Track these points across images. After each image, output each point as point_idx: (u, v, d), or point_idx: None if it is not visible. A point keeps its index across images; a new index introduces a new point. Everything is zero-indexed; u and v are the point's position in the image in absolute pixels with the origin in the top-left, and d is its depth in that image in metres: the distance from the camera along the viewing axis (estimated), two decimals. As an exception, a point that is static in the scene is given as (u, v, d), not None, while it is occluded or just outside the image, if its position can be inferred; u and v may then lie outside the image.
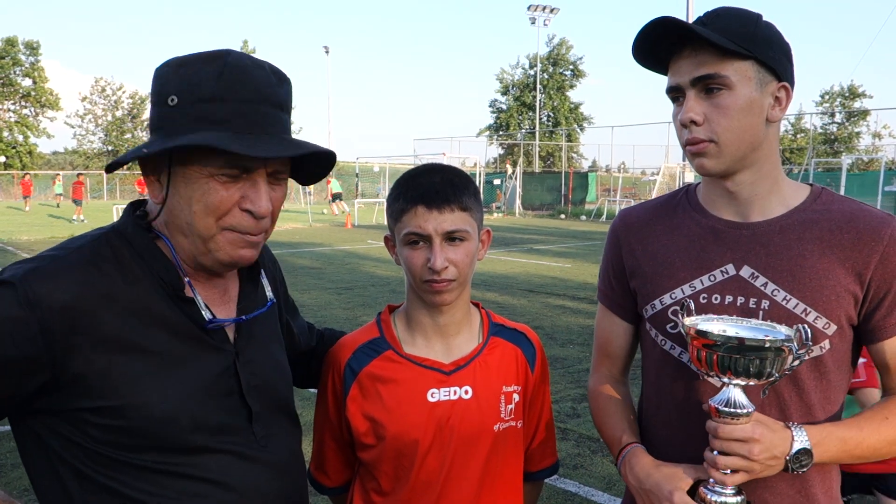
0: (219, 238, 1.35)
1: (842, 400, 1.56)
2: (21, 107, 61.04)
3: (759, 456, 1.37)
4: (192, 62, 1.31)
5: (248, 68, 1.30)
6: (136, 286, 1.34)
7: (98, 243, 1.37)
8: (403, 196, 1.63)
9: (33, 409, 1.30)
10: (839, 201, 1.54)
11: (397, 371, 1.69)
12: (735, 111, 1.44)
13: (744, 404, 1.39)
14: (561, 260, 17.56)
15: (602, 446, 5.44)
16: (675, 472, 1.49)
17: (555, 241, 22.86)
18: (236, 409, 1.42)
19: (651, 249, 1.66)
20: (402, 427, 1.65)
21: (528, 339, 1.81)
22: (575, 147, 60.33)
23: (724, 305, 1.53)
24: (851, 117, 48.37)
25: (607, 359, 1.81)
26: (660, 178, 33.95)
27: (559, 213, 38.35)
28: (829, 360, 1.50)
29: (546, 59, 60.33)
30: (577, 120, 61.56)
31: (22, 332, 1.22)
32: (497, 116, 62.94)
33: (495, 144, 60.54)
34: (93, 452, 1.30)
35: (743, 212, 1.56)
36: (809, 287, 1.47)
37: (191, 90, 1.29)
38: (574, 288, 13.04)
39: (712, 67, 1.44)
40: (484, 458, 1.68)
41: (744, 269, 1.53)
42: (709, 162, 1.49)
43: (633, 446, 1.61)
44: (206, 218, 1.33)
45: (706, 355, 1.41)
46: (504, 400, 1.71)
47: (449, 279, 1.60)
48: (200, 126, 1.28)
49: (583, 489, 4.70)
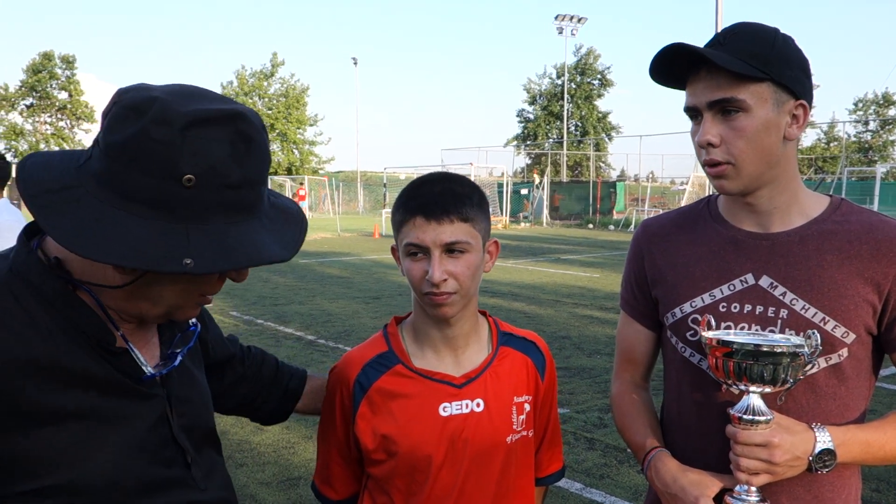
0: (185, 310, 1.27)
1: (863, 408, 1.56)
2: (57, 119, 62.25)
3: (780, 459, 1.39)
4: (203, 121, 1.13)
5: (253, 139, 1.15)
6: (49, 342, 1.14)
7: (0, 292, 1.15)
8: (404, 206, 1.60)
9: None
10: (858, 212, 1.56)
11: (408, 386, 1.66)
12: (751, 133, 1.46)
13: (763, 411, 1.42)
14: (589, 270, 17.49)
15: (629, 457, 5.42)
16: (701, 479, 1.51)
17: (583, 251, 22.78)
18: (173, 457, 1.29)
19: (673, 259, 1.69)
20: (415, 443, 1.62)
21: (537, 346, 1.80)
22: (603, 156, 60.13)
23: (743, 314, 1.55)
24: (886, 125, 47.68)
25: (630, 365, 1.83)
26: (689, 187, 33.72)
27: (587, 222, 38.22)
28: (848, 368, 1.52)
29: (574, 68, 60.28)
30: (605, 129, 61.38)
31: None
32: (524, 126, 62.97)
33: (522, 154, 60.54)
34: None
35: (763, 223, 1.58)
36: (828, 296, 1.49)
37: (210, 171, 1.11)
38: (602, 298, 13.00)
39: (728, 91, 1.45)
40: (498, 471, 1.67)
41: (763, 279, 1.55)
42: (728, 183, 1.51)
43: (659, 451, 1.63)
44: (170, 310, 1.25)
45: (723, 363, 1.44)
46: (516, 411, 1.70)
47: (449, 292, 1.56)
48: (237, 216, 1.15)
49: (609, 499, 4.69)
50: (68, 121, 62.46)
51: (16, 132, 60.14)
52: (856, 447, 1.45)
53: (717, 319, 1.57)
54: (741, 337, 1.46)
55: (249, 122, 1.13)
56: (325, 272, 16.22)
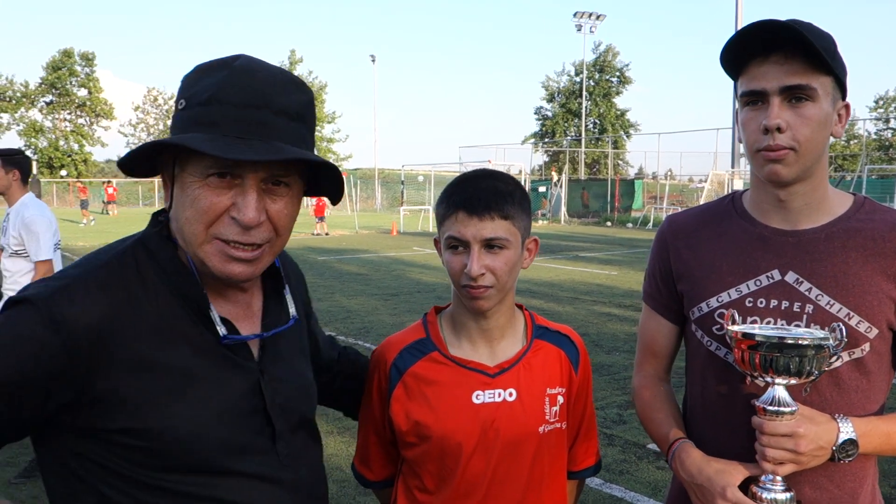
0: (207, 247, 1.28)
1: (882, 401, 1.60)
2: (76, 116, 62.85)
3: (805, 448, 1.43)
4: (206, 67, 1.30)
5: (255, 73, 1.26)
6: (159, 302, 1.29)
7: (123, 257, 1.31)
8: (448, 200, 1.64)
9: (55, 429, 1.25)
10: (882, 211, 1.59)
11: (442, 372, 1.70)
12: (816, 123, 1.49)
13: (788, 402, 1.46)
14: (607, 267, 17.48)
15: (648, 453, 5.45)
16: (726, 469, 1.54)
17: (601, 249, 22.76)
18: (261, 428, 1.37)
19: (699, 254, 1.72)
20: (447, 428, 1.66)
21: (572, 340, 1.82)
22: (621, 154, 59.94)
23: (769, 309, 1.59)
24: (907, 123, 47.22)
25: (653, 358, 1.87)
26: (707, 185, 33.51)
27: (605, 220, 38.12)
28: (870, 362, 1.55)
29: (592, 65, 60.18)
30: (624, 127, 61.22)
31: (45, 352, 1.18)
32: (542, 124, 62.93)
33: (541, 151, 60.45)
34: (112, 472, 1.25)
35: (791, 220, 1.61)
36: (852, 293, 1.53)
37: (195, 94, 1.26)
38: (620, 296, 13.00)
39: (804, 78, 1.47)
40: (529, 460, 1.69)
41: (789, 275, 1.58)
42: (784, 169, 1.52)
43: (683, 441, 1.67)
44: (195, 224, 1.27)
45: (749, 356, 1.48)
46: (549, 402, 1.72)
47: (486, 286, 1.60)
48: (192, 129, 1.24)
49: (629, 494, 4.72)
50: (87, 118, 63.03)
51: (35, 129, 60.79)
52: (877, 438, 1.49)
53: (743, 314, 1.61)
54: (767, 330, 1.50)
55: (241, 58, 1.29)
56: (344, 269, 16.32)
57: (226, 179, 1.24)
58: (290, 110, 1.27)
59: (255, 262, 1.31)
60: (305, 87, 1.34)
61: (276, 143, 1.24)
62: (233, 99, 1.22)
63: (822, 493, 1.57)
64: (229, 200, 1.25)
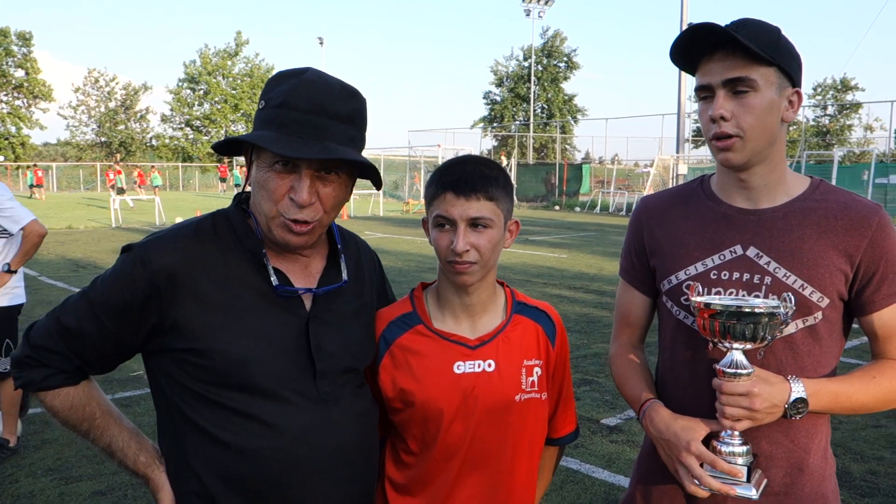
0: (275, 221, 1.62)
1: (833, 365, 1.75)
2: (13, 98, 60.80)
3: (760, 406, 1.58)
4: (282, 76, 1.62)
5: (316, 84, 1.58)
6: (227, 255, 1.65)
7: (205, 221, 1.71)
8: (437, 182, 1.76)
9: (150, 353, 1.66)
10: (835, 192, 1.75)
11: (426, 344, 1.82)
12: (759, 110, 1.64)
13: (745, 365, 1.60)
14: (557, 250, 17.77)
15: (601, 427, 5.65)
16: (690, 425, 1.68)
17: (550, 233, 23.08)
18: (304, 366, 1.65)
19: (669, 232, 1.86)
20: (429, 396, 1.78)
21: (549, 316, 1.93)
22: (569, 139, 60.50)
23: (731, 281, 1.73)
24: (843, 110, 48.59)
25: (627, 328, 2.01)
26: (653, 169, 34.09)
27: (553, 204, 38.51)
28: (822, 329, 1.70)
29: (540, 50, 60.44)
30: (571, 112, 61.72)
31: (137, 282, 1.58)
32: (491, 108, 63.06)
33: (489, 136, 60.68)
34: (185, 388, 1.61)
35: (752, 199, 1.76)
36: (806, 265, 1.68)
37: (271, 98, 1.59)
38: (570, 278, 13.25)
39: (742, 71, 1.62)
40: (507, 427, 1.81)
41: (750, 250, 1.73)
42: (734, 155, 1.68)
43: (653, 401, 1.81)
44: (266, 201, 1.61)
45: (710, 324, 1.61)
46: (525, 373, 1.84)
47: (470, 261, 1.72)
48: (267, 126, 1.57)
49: (584, 466, 4.91)
50: (25, 99, 61.04)
51: (-30, 111, 58.73)
52: (825, 397, 1.64)
53: (708, 286, 1.75)
54: (725, 300, 1.63)
55: (309, 72, 1.61)
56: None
57: (287, 168, 1.58)
58: (342, 115, 1.60)
59: (307, 235, 1.64)
60: (358, 96, 1.66)
61: (328, 143, 1.56)
62: (298, 105, 1.56)
63: (777, 447, 1.72)
64: (289, 184, 1.59)
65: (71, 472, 4.77)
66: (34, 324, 1.70)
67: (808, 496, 1.74)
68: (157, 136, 68.04)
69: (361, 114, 1.66)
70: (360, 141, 1.67)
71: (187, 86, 65.67)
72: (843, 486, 4.58)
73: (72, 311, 1.63)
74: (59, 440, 5.31)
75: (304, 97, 1.56)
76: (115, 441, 1.71)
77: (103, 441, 1.72)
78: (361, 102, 1.66)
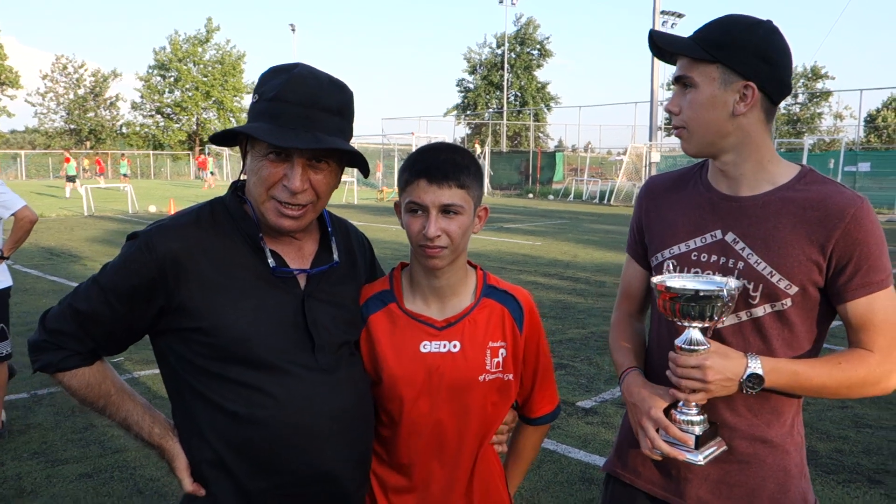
0: (267, 205, 1.73)
1: (810, 349, 1.83)
2: (-20, 84, 59.70)
3: (712, 378, 1.69)
4: (274, 70, 1.73)
5: (306, 79, 1.68)
6: (226, 239, 1.77)
7: (204, 208, 1.83)
8: (410, 169, 1.82)
9: (158, 334, 1.77)
10: (820, 182, 1.79)
11: (396, 322, 1.91)
12: (697, 105, 1.78)
13: (700, 342, 1.71)
14: (531, 238, 17.92)
15: (577, 409, 5.81)
16: (654, 393, 1.82)
17: (524, 220, 23.25)
18: (302, 340, 1.77)
19: (662, 213, 2.00)
20: (396, 372, 1.87)
21: (517, 300, 1.98)
22: (542, 127, 60.66)
23: (709, 263, 1.85)
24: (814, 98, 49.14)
25: (627, 299, 2.16)
26: (626, 157, 34.30)
27: (527, 192, 38.67)
28: (792, 315, 1.79)
29: (513, 38, 60.44)
30: (545, 100, 61.84)
31: (144, 267, 1.70)
32: (465, 96, 62.99)
33: (463, 124, 60.67)
34: (193, 364, 1.73)
35: (734, 187, 1.86)
36: (777, 254, 1.77)
37: (265, 92, 1.70)
38: (545, 265, 13.41)
39: (684, 70, 1.80)
40: (470, 405, 1.89)
41: (728, 235, 1.84)
42: (683, 144, 1.86)
43: (631, 370, 1.95)
44: (259, 187, 1.72)
45: (670, 305, 1.72)
46: (490, 354, 1.91)
47: (441, 246, 1.79)
48: (261, 119, 1.68)
49: (560, 447, 5.06)
50: (-8, 86, 59.94)
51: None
52: (784, 376, 1.73)
53: (689, 266, 1.87)
54: (677, 282, 1.73)
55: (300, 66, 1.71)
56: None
57: (280, 157, 1.69)
58: (332, 108, 1.71)
59: (300, 218, 1.76)
60: (346, 90, 1.76)
61: (319, 134, 1.67)
62: (290, 98, 1.66)
63: (740, 420, 1.84)
64: (282, 172, 1.70)
65: (57, 455, 4.83)
66: (48, 310, 1.81)
67: (771, 467, 1.84)
68: (128, 123, 67.15)
69: (349, 106, 1.76)
70: (349, 131, 1.77)
71: (157, 73, 64.72)
72: (810, 463, 4.73)
73: (84, 297, 1.75)
74: (44, 424, 5.37)
75: (295, 91, 1.66)
76: (130, 416, 1.83)
77: (119, 416, 1.83)
78: (349, 95, 1.76)
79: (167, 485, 4.41)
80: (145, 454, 4.79)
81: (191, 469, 1.79)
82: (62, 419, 5.47)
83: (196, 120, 65.75)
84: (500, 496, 2.02)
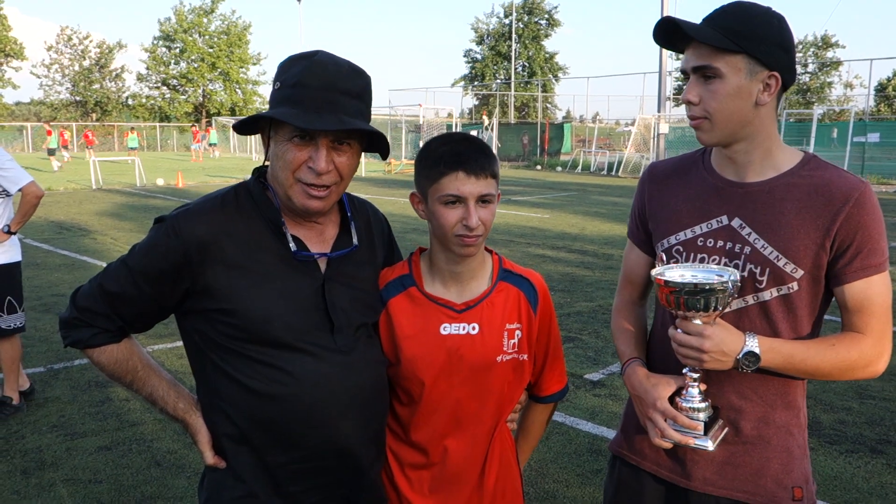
0: (294, 188, 1.78)
1: (810, 333, 1.87)
2: (-16, 56, 59.54)
3: (708, 348, 1.72)
4: (295, 58, 1.78)
5: (327, 65, 1.74)
6: (249, 223, 1.83)
7: (228, 193, 1.88)
8: (444, 161, 1.85)
9: (184, 314, 1.86)
10: (823, 168, 1.82)
11: (416, 305, 1.96)
12: (723, 96, 1.77)
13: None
14: (539, 210, 17.94)
15: (585, 382, 5.89)
16: (659, 383, 1.86)
17: (532, 192, 23.22)
18: (322, 322, 1.84)
19: (666, 199, 2.01)
20: (416, 353, 1.93)
21: (532, 283, 2.05)
22: (550, 98, 60.31)
23: (715, 248, 1.88)
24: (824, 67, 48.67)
25: (629, 284, 2.18)
26: (634, 128, 34.07)
27: (535, 164, 38.54)
28: (797, 299, 1.83)
29: (521, 7, 59.93)
30: (553, 70, 61.45)
31: (170, 250, 1.77)
32: (472, 66, 62.73)
33: (470, 95, 60.38)
34: (217, 343, 1.80)
35: (740, 173, 1.88)
36: (783, 238, 1.80)
37: (286, 79, 1.75)
38: (553, 238, 13.45)
39: (707, 60, 1.75)
40: (489, 384, 1.96)
41: (735, 221, 1.86)
42: (703, 135, 1.84)
43: (634, 361, 1.99)
44: (285, 171, 1.77)
45: (668, 298, 1.74)
46: (507, 336, 1.97)
47: (479, 235, 1.86)
48: (283, 104, 1.73)
49: (569, 419, 5.15)
50: (-3, 58, 59.78)
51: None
52: (780, 357, 1.77)
53: (694, 251, 1.90)
54: (676, 275, 1.75)
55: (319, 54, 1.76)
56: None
57: (304, 140, 1.74)
58: (352, 92, 1.76)
59: (325, 199, 1.81)
60: (364, 74, 1.81)
61: (341, 116, 1.72)
62: (312, 83, 1.72)
63: (746, 402, 1.88)
64: (307, 154, 1.75)
65: (75, 429, 4.94)
66: (79, 288, 1.89)
67: (775, 448, 1.89)
68: (134, 95, 67.11)
69: (368, 90, 1.82)
70: (368, 115, 1.82)
71: (163, 44, 64.56)
72: (813, 434, 4.84)
73: (113, 277, 1.82)
74: (61, 398, 5.48)
75: (317, 76, 1.71)
76: (155, 390, 1.91)
77: (145, 391, 1.91)
78: (367, 80, 1.81)
79: (184, 457, 4.51)
80: (162, 427, 4.90)
81: (212, 443, 1.87)
82: (79, 393, 5.58)
83: (202, 91, 65.57)
84: (511, 473, 2.09)
